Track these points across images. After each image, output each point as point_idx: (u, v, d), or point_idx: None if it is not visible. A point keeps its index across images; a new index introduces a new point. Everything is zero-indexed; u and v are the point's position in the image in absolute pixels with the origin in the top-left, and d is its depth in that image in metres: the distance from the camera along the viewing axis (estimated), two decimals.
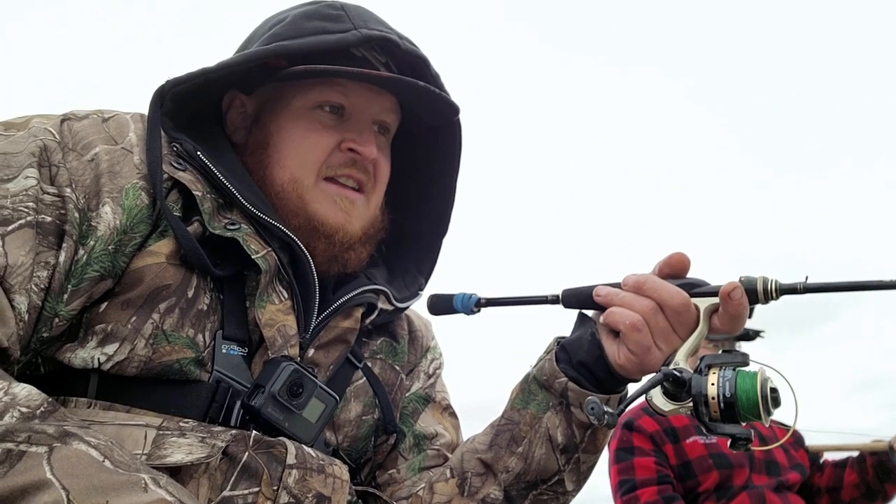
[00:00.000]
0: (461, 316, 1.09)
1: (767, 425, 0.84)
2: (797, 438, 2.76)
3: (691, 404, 0.82)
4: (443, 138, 1.15)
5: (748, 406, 0.79)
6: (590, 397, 0.83)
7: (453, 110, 1.08)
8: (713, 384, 0.81)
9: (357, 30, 1.00)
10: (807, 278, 0.88)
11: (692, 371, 0.84)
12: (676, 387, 0.84)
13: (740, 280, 0.91)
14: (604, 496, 2.63)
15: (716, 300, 0.92)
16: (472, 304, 1.07)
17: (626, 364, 0.95)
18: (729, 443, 0.82)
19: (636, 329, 0.93)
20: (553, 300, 1.03)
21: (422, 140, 1.17)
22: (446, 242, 1.21)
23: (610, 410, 0.82)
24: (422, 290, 1.17)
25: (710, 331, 0.93)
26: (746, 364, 0.83)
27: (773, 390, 0.81)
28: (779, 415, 0.83)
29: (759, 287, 0.90)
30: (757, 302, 0.91)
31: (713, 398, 0.80)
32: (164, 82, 0.96)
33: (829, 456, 2.83)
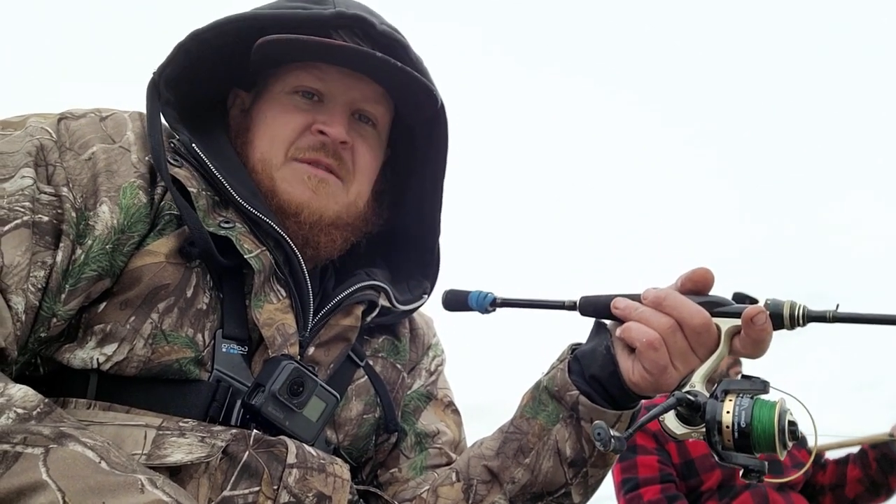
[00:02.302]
0: (471, 313, 1.06)
1: (782, 458, 0.81)
2: (801, 439, 2.74)
3: (704, 430, 0.79)
4: (434, 134, 1.14)
5: (764, 438, 0.76)
6: (597, 422, 0.80)
7: (431, 95, 1.05)
8: (728, 412, 0.77)
9: (335, 8, 0.99)
10: (837, 307, 0.83)
11: (708, 395, 0.80)
12: (690, 410, 0.81)
13: (766, 303, 0.87)
14: (605, 496, 2.62)
15: (738, 322, 0.87)
16: (488, 304, 1.04)
17: (641, 382, 0.92)
18: (741, 473, 0.78)
19: (653, 347, 0.89)
20: (570, 306, 1.00)
21: (420, 138, 1.16)
22: (460, 241, 1.19)
23: (617, 435, 0.78)
24: (427, 294, 1.16)
25: (730, 353, 0.89)
26: (766, 392, 0.80)
27: (792, 423, 0.78)
28: None
29: (786, 312, 0.85)
30: (782, 327, 0.86)
31: (727, 426, 0.77)
32: (152, 74, 0.97)
33: (830, 454, 2.81)
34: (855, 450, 2.73)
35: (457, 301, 1.07)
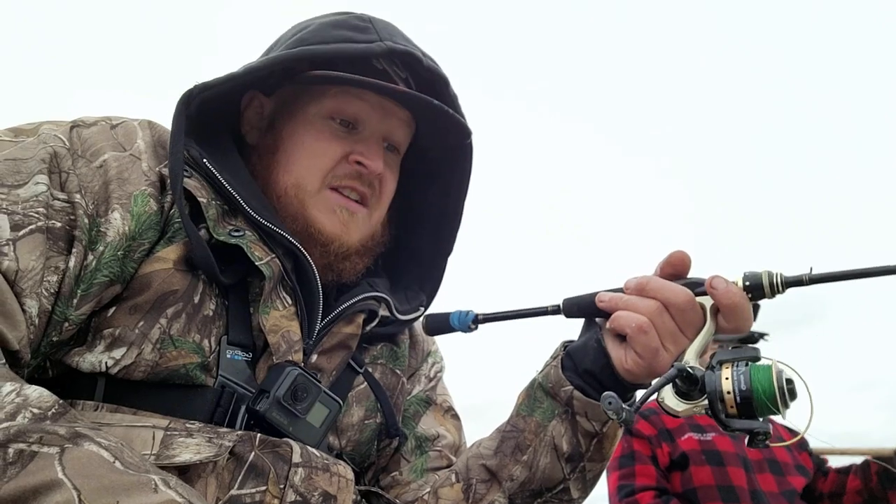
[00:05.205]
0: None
1: (785, 417, 0.82)
2: (801, 442, 2.74)
3: (706, 402, 0.80)
4: (455, 159, 1.16)
5: (765, 398, 0.77)
6: (607, 392, 0.80)
7: (465, 133, 1.09)
8: (727, 378, 0.79)
9: (382, 41, 1.01)
10: (811, 269, 0.85)
11: (704, 369, 0.82)
12: (689, 385, 0.82)
13: (744, 275, 0.89)
14: (599, 495, 2.61)
15: None
16: (470, 321, 1.05)
17: (634, 368, 0.94)
18: (747, 440, 0.79)
19: (643, 331, 0.91)
20: (554, 311, 1.01)
21: (435, 158, 1.18)
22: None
23: (627, 407, 0.79)
24: (423, 305, 1.17)
25: (717, 329, 0.91)
26: (758, 359, 0.81)
27: (789, 381, 0.79)
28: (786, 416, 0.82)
29: (765, 281, 0.87)
30: (763, 297, 0.88)
31: (728, 393, 0.78)
32: (191, 87, 0.97)
33: (832, 461, 2.81)
34: (858, 460, 2.72)
35: (438, 325, 1.08)
